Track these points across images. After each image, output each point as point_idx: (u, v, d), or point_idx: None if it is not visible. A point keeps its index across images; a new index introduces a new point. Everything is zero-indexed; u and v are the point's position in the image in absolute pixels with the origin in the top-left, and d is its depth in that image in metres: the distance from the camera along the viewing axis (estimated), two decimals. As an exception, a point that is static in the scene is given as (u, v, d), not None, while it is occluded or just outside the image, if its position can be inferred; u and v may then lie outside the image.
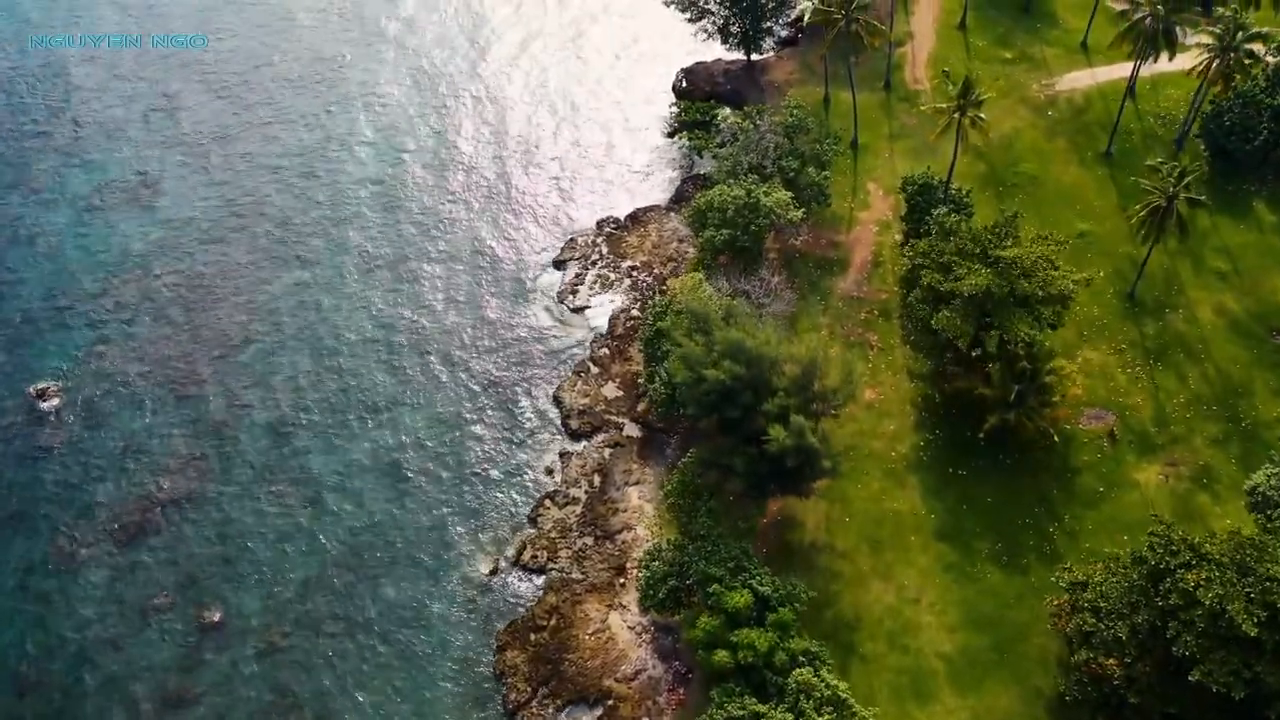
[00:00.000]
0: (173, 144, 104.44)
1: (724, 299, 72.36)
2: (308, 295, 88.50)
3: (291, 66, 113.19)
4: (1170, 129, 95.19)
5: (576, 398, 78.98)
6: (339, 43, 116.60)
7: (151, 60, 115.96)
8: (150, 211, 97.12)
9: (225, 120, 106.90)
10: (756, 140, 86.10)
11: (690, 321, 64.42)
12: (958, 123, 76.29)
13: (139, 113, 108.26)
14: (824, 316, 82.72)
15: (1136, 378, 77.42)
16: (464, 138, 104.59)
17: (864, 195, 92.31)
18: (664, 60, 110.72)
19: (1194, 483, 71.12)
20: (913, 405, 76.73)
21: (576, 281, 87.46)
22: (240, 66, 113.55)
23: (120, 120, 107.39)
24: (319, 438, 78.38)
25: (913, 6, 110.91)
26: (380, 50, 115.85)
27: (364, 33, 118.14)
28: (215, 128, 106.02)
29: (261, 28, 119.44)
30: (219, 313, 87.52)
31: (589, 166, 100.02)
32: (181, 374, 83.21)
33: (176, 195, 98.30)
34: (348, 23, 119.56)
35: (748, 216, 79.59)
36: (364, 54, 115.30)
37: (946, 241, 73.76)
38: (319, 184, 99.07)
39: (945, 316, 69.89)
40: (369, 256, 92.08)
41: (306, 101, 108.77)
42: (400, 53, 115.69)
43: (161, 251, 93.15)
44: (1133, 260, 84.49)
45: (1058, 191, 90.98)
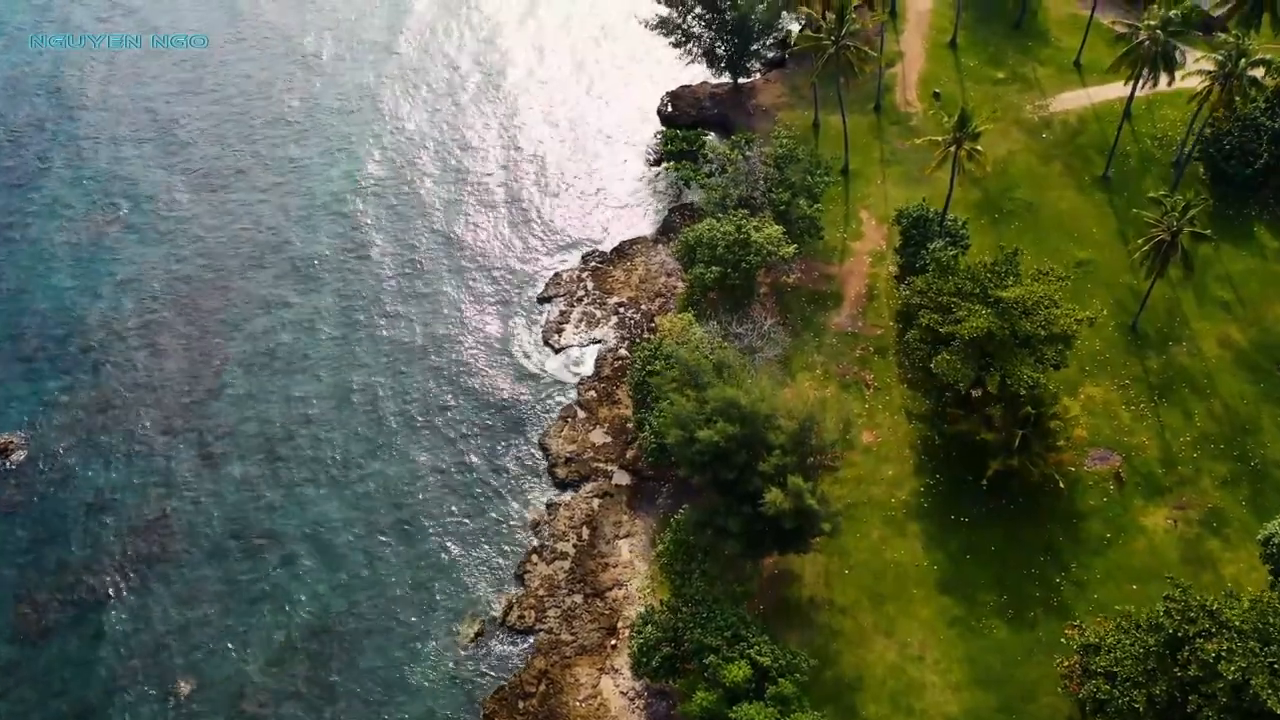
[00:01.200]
0: (143, 175, 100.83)
1: (715, 345, 69.56)
2: (281, 340, 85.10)
3: (263, 105, 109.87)
4: (1168, 151, 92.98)
5: (563, 444, 75.98)
6: (318, 68, 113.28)
7: (145, 64, 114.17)
8: (119, 249, 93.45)
9: (204, 147, 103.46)
10: (745, 172, 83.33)
11: (680, 374, 61.53)
12: (954, 155, 73.57)
13: (117, 134, 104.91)
14: (818, 354, 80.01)
15: (1141, 415, 75.03)
16: (443, 168, 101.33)
17: (856, 224, 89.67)
18: (649, 84, 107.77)
19: (1203, 527, 68.75)
20: (912, 448, 74.09)
21: (562, 320, 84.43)
22: (218, 84, 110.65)
23: (96, 143, 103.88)
24: (292, 492, 75.10)
25: (901, 25, 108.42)
26: (351, 80, 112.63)
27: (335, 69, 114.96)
28: (192, 154, 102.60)
29: (255, 29, 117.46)
30: (190, 358, 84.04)
31: (573, 196, 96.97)
32: (150, 425, 79.73)
33: (146, 232, 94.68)
34: (330, 43, 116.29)
35: (738, 253, 76.84)
36: (340, 88, 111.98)
37: (945, 280, 71.20)
38: (292, 222, 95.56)
39: (945, 360, 67.30)
40: (345, 297, 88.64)
41: (281, 134, 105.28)
42: (376, 83, 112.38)
43: (131, 293, 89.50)
44: (1133, 290, 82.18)
45: (1055, 218, 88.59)
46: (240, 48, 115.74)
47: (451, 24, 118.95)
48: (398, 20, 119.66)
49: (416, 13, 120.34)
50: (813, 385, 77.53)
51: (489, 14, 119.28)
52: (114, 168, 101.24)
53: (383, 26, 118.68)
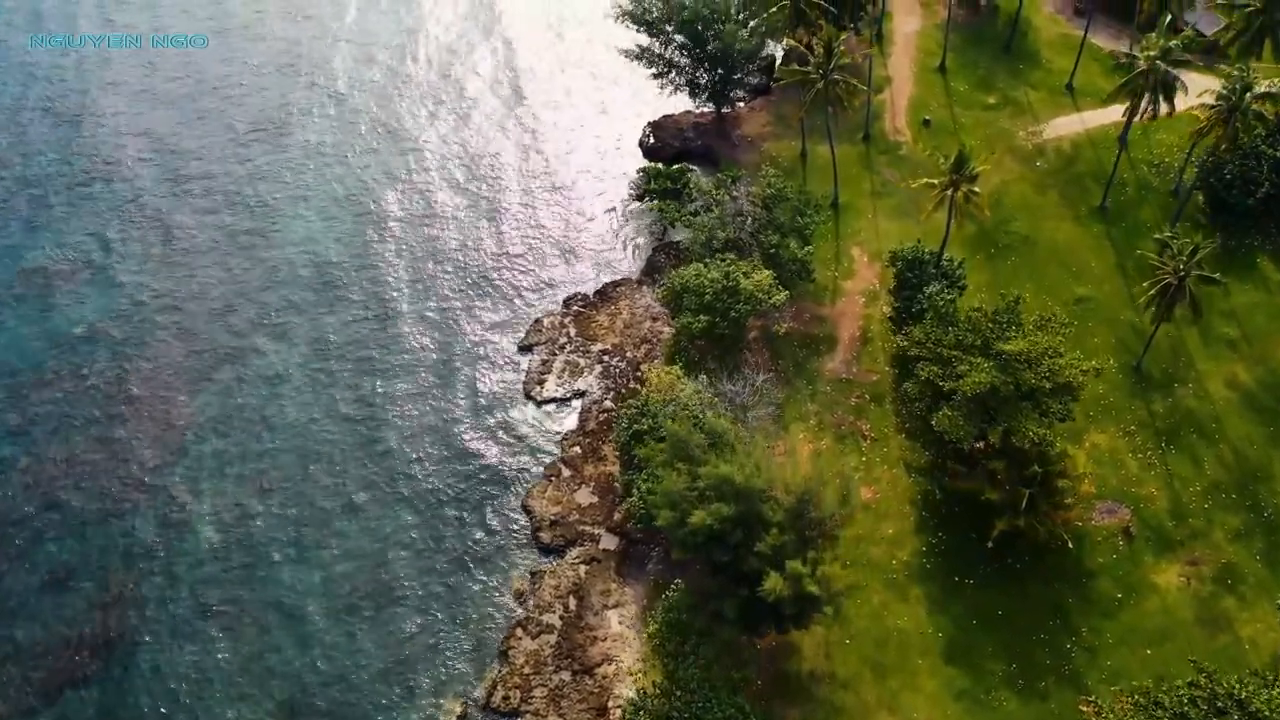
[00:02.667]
0: (107, 211, 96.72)
1: (706, 401, 66.25)
2: (249, 396, 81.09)
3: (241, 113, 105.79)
4: (1165, 179, 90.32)
5: (547, 506, 72.43)
6: (292, 99, 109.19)
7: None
8: (84, 295, 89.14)
9: (159, 192, 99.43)
10: (733, 213, 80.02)
11: (671, 448, 58.11)
12: (950, 198, 70.47)
13: (88, 167, 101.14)
14: (811, 404, 76.76)
15: (1149, 463, 72.15)
16: (415, 208, 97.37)
17: (848, 262, 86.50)
18: (629, 114, 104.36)
19: (1217, 584, 65.89)
20: (912, 504, 70.93)
21: (544, 370, 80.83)
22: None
23: (67, 176, 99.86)
24: (262, 562, 71.18)
25: (889, 48, 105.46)
26: (319, 112, 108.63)
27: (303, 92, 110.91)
28: (161, 185, 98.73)
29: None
30: (154, 416, 79.90)
31: (554, 236, 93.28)
32: (112, 491, 75.61)
33: (111, 277, 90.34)
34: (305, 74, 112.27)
35: (726, 301, 73.55)
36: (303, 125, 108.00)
37: (944, 331, 68.14)
38: (259, 266, 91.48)
39: (946, 417, 64.27)
40: (315, 349, 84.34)
41: (244, 175, 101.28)
42: (348, 115, 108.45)
43: (92, 344, 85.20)
44: (1135, 328, 79.40)
45: (1052, 252, 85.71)
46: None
47: (427, 54, 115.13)
48: (368, 53, 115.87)
49: (390, 47, 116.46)
50: (807, 437, 74.42)
51: (467, 42, 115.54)
52: (61, 235, 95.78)
53: (357, 56, 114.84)
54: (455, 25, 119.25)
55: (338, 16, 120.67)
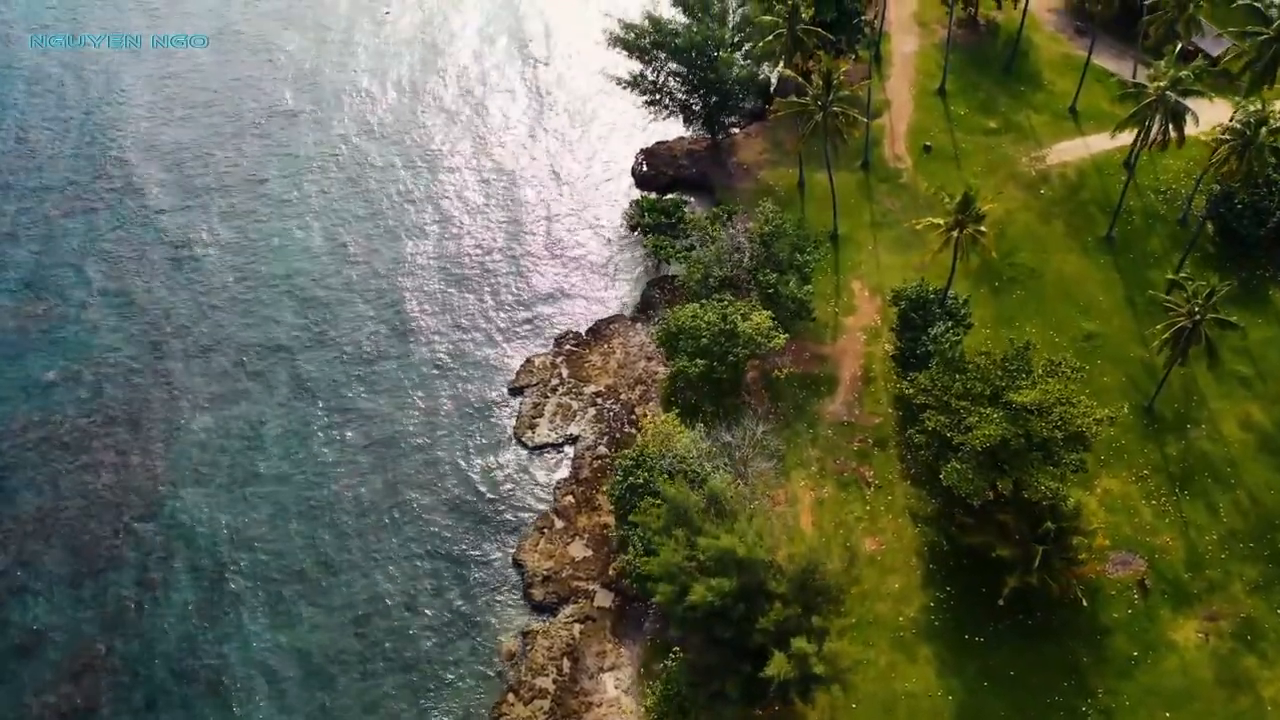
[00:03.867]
0: (80, 246, 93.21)
1: (704, 452, 63.46)
2: (227, 444, 77.83)
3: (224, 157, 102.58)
4: (1173, 207, 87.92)
5: (540, 560, 69.56)
6: (274, 130, 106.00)
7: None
8: (53, 337, 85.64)
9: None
10: (729, 249, 77.26)
11: (668, 513, 55.29)
12: (956, 239, 67.80)
13: (60, 201, 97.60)
14: (813, 449, 74.02)
15: (1163, 510, 69.64)
16: (400, 239, 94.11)
17: (848, 296, 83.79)
18: (622, 141, 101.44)
19: (1237, 640, 63.40)
20: (919, 555, 68.27)
21: (535, 414, 77.91)
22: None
23: (33, 211, 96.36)
24: (240, 623, 68.08)
25: (887, 70, 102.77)
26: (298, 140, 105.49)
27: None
28: (127, 231, 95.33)
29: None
30: (128, 467, 76.67)
31: (544, 271, 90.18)
32: (85, 547, 72.43)
33: (76, 322, 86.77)
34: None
35: (724, 344, 70.77)
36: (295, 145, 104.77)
37: (951, 378, 65.46)
38: (240, 305, 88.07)
39: (955, 470, 61.58)
40: (296, 392, 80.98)
41: (219, 206, 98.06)
42: (327, 146, 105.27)
43: (64, 389, 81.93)
44: (1146, 366, 76.91)
45: (1058, 285, 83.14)
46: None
47: (414, 78, 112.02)
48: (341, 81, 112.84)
49: (370, 71, 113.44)
50: (809, 485, 71.79)
51: (455, 68, 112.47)
52: (37, 270, 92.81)
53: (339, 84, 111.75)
54: (435, 58, 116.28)
55: (317, 41, 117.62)
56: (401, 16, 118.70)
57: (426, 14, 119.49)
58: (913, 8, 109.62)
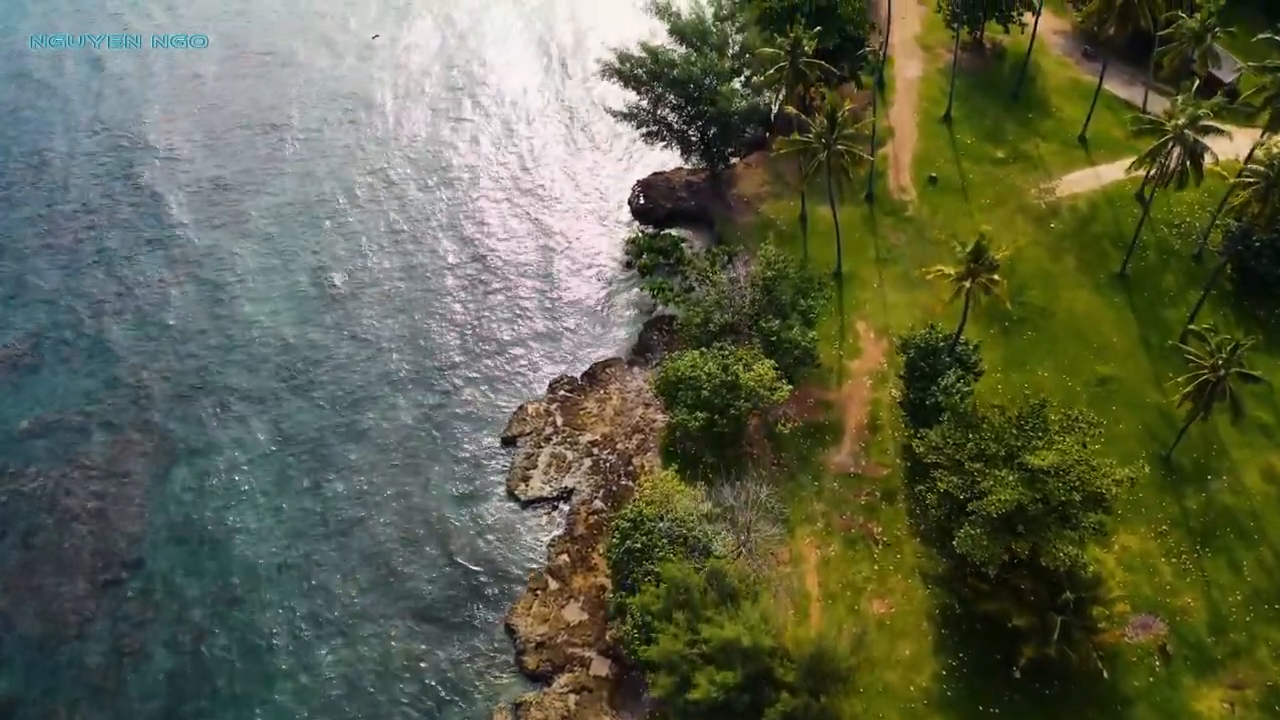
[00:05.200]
0: (51, 287, 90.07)
1: (703, 523, 60.46)
2: (207, 499, 74.63)
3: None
4: (1188, 241, 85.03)
5: (533, 624, 66.49)
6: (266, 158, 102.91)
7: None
8: (22, 385, 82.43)
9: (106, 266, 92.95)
10: (729, 293, 74.26)
11: (668, 597, 52.25)
12: (968, 289, 64.80)
13: (30, 237, 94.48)
14: (818, 503, 71.00)
15: (1184, 569, 66.69)
16: (387, 276, 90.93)
17: (853, 338, 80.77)
18: (618, 168, 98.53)
19: (1264, 711, 60.48)
20: (930, 619, 65.26)
21: (528, 465, 74.81)
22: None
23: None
24: (218, 694, 64.80)
25: (890, 96, 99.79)
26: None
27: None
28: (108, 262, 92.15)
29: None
30: (103, 525, 73.41)
31: (537, 311, 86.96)
32: (58, 612, 69.27)
33: (48, 370, 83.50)
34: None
35: (726, 397, 67.76)
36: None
37: (962, 434, 62.47)
38: (220, 350, 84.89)
39: (969, 537, 58.59)
40: (280, 443, 77.72)
41: (208, 244, 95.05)
42: (308, 183, 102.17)
43: (35, 441, 78.77)
44: (1162, 412, 73.97)
45: (1070, 324, 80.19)
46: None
47: (399, 110, 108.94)
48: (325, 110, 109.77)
49: (354, 98, 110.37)
50: (814, 542, 68.79)
51: (448, 95, 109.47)
52: (28, 279, 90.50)
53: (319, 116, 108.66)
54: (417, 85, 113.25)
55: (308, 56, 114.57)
56: (387, 43, 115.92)
57: (414, 40, 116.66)
58: (915, 30, 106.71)
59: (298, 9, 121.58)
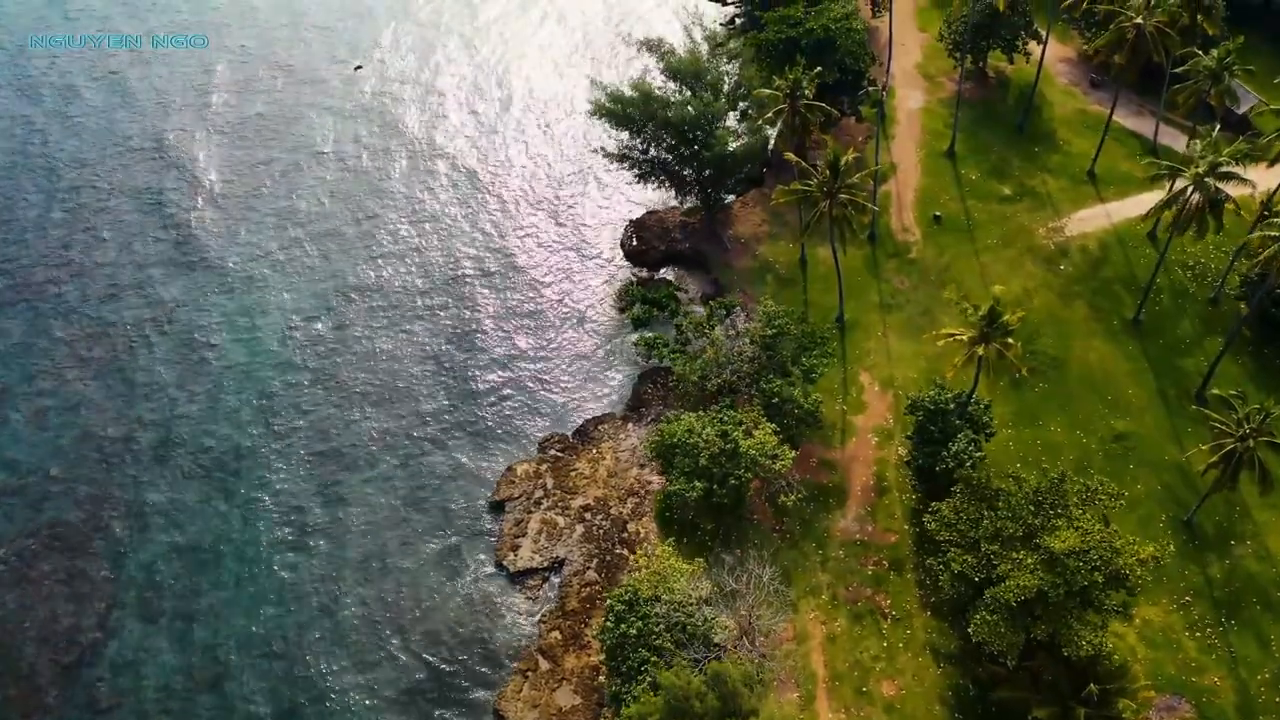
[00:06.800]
0: (20, 328, 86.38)
1: (702, 606, 56.85)
2: (179, 564, 70.86)
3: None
4: (1203, 284, 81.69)
5: (523, 709, 62.81)
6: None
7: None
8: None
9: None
10: (728, 351, 70.67)
11: (666, 709, 48.62)
12: (979, 356, 61.30)
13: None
14: (822, 572, 67.43)
15: (1209, 644, 63.28)
16: (372, 324, 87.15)
17: (857, 391, 77.18)
18: (609, 206, 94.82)
19: (1298, 802, 57.25)
20: (942, 702, 61.69)
21: (518, 533, 71.11)
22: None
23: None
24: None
25: (892, 128, 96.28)
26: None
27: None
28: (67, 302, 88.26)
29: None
30: (73, 595, 69.60)
31: (526, 363, 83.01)
32: (21, 694, 65.33)
33: (14, 417, 79.83)
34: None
35: (725, 466, 64.15)
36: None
37: (977, 510, 58.97)
38: (198, 400, 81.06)
39: (985, 623, 55.18)
40: (253, 510, 73.65)
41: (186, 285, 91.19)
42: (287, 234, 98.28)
43: (1, 504, 74.86)
44: (1182, 472, 70.61)
45: (1084, 375, 76.80)
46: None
47: (379, 144, 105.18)
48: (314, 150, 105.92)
49: (322, 154, 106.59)
50: (819, 617, 65.22)
51: (437, 133, 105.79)
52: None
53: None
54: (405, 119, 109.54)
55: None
56: (371, 75, 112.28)
57: (399, 71, 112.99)
58: (916, 58, 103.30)
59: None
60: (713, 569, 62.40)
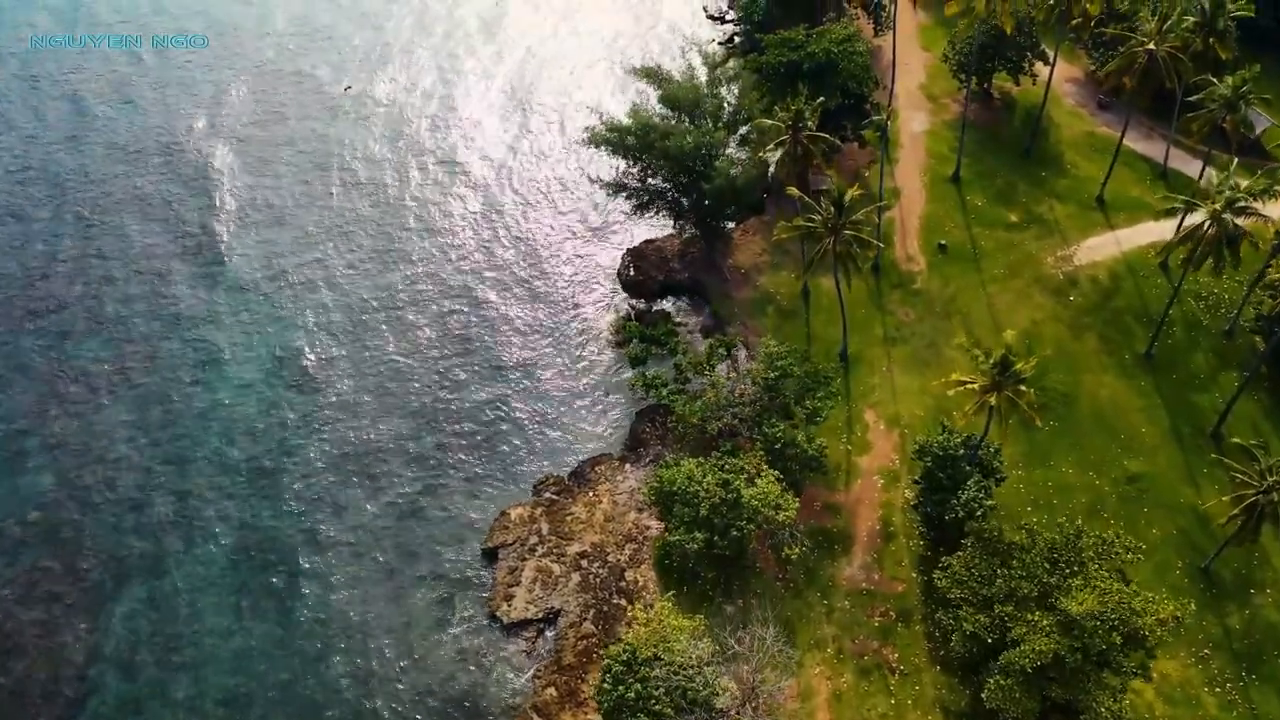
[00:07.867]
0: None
1: (703, 668, 54.44)
2: (160, 619, 68.05)
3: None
4: (1216, 317, 79.38)
5: (518, 771, 60.40)
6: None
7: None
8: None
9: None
10: (728, 392, 68.27)
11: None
12: (990, 404, 58.95)
13: None
14: (828, 624, 65.00)
15: (1229, 699, 60.91)
16: (358, 361, 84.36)
17: (861, 430, 74.76)
18: (605, 235, 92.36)
19: None
20: (954, 765, 59.49)
21: (511, 582, 68.60)
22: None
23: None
24: None
25: (895, 153, 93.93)
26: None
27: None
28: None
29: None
30: (50, 649, 66.88)
31: (520, 398, 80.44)
32: (-6, 760, 63.13)
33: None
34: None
35: (726, 516, 61.75)
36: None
37: (989, 566, 56.65)
38: (177, 444, 78.28)
39: (1000, 689, 52.88)
40: (238, 557, 71.10)
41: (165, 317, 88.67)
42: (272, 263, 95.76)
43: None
44: (1198, 515, 68.28)
45: (1095, 413, 74.43)
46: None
47: (369, 174, 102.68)
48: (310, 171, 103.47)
49: (334, 158, 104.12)
50: (824, 672, 62.78)
51: (419, 156, 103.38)
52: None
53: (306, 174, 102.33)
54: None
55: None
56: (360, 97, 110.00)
57: (387, 93, 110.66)
58: (920, 79, 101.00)
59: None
60: (714, 621, 59.98)
